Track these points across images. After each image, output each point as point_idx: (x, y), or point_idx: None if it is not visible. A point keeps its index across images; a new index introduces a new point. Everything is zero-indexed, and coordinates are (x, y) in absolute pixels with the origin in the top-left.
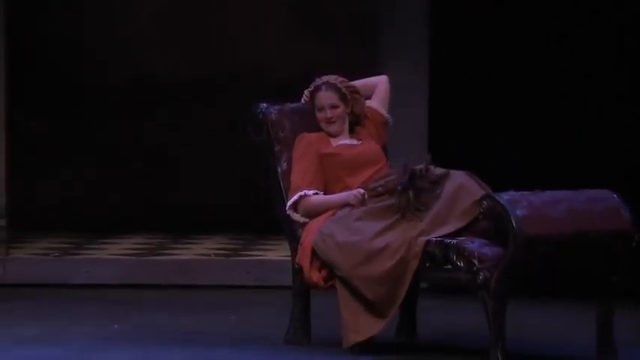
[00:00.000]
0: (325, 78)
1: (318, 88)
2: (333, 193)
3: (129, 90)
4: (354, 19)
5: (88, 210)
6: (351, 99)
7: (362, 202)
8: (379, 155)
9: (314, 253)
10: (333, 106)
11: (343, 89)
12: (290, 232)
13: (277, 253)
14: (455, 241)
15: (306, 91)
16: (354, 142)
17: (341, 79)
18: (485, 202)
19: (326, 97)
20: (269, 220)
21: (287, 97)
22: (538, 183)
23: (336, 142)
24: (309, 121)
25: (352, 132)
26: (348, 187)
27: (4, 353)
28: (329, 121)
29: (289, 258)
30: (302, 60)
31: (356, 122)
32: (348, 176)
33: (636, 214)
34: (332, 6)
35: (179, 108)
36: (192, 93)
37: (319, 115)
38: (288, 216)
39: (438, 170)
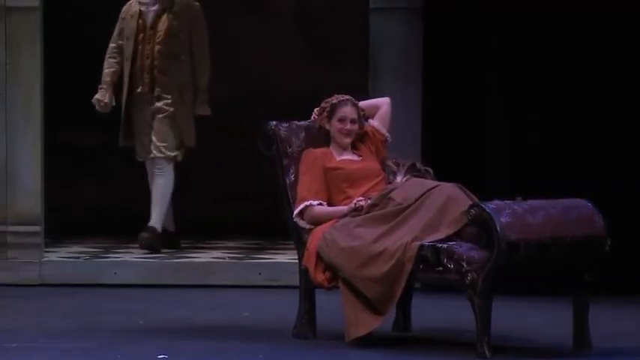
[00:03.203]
0: (346, 96)
1: (344, 103)
2: (336, 203)
3: None
4: (355, 44)
5: (117, 216)
6: (362, 121)
7: (361, 209)
8: (378, 171)
9: (319, 257)
10: (353, 121)
11: (360, 111)
12: (297, 238)
13: (286, 256)
14: (445, 245)
15: (316, 110)
16: (356, 157)
17: (355, 101)
18: (472, 210)
19: (350, 111)
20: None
21: (294, 115)
22: (525, 191)
23: (339, 157)
24: (314, 138)
25: (354, 148)
26: (349, 198)
27: (40, 346)
28: (347, 133)
29: (297, 260)
30: (308, 81)
31: (357, 139)
32: (349, 188)
33: (609, 221)
34: (335, 32)
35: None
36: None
37: (339, 125)
38: (295, 223)
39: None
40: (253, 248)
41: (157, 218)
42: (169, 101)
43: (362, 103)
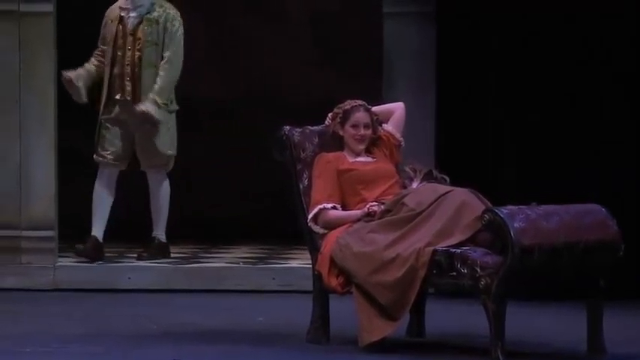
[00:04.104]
0: (359, 102)
1: (357, 108)
2: (351, 205)
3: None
4: (369, 51)
5: (130, 221)
6: (376, 126)
7: (374, 214)
8: (392, 172)
9: (332, 262)
10: (366, 126)
11: (373, 116)
12: (311, 242)
13: (299, 261)
14: (459, 250)
15: (330, 114)
16: (369, 159)
17: (368, 106)
18: (486, 216)
19: (363, 116)
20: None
21: (307, 121)
22: (538, 196)
23: (352, 159)
24: (327, 143)
25: (368, 152)
26: (364, 201)
27: (54, 351)
28: (361, 139)
29: (310, 265)
30: (321, 88)
31: (372, 143)
32: (363, 190)
33: (622, 227)
34: (349, 40)
35: (213, 128)
36: (224, 115)
37: (352, 131)
38: (309, 227)
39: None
40: (267, 253)
41: (162, 228)
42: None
43: (375, 108)
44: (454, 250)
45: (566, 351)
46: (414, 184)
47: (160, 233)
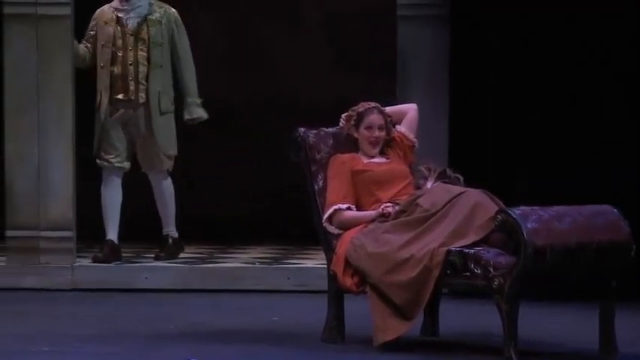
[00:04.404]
0: (372, 104)
1: (370, 111)
2: (366, 206)
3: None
4: (383, 53)
5: (147, 222)
6: (390, 127)
7: (388, 215)
8: (406, 173)
9: (347, 262)
10: (380, 128)
11: (387, 118)
12: (326, 243)
13: (314, 261)
14: (472, 250)
15: (343, 115)
16: (383, 160)
17: (382, 107)
18: (499, 216)
19: (377, 118)
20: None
21: (322, 123)
22: (550, 198)
23: (367, 160)
24: (342, 144)
25: (382, 153)
26: (378, 201)
27: (72, 350)
28: (375, 141)
29: (325, 265)
30: (335, 90)
31: (386, 144)
32: (378, 190)
33: (635, 227)
34: (364, 42)
35: (228, 128)
36: (239, 115)
37: (367, 133)
38: (324, 228)
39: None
40: (282, 254)
41: (172, 225)
42: (150, 110)
43: (388, 109)
44: (468, 250)
45: (578, 350)
46: (429, 184)
47: (171, 230)
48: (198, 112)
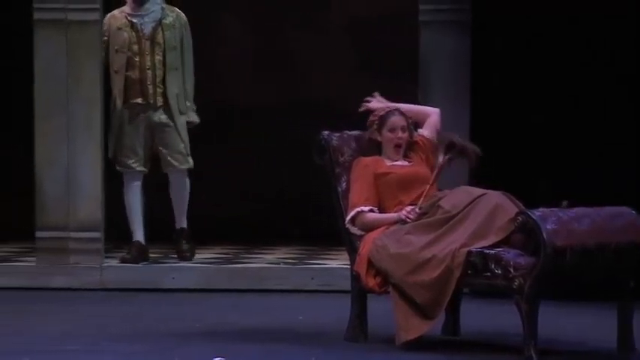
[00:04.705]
0: (393, 107)
1: (392, 113)
2: (388, 208)
3: (212, 113)
4: (406, 57)
5: (172, 223)
6: (412, 129)
7: (410, 215)
8: (428, 176)
9: (370, 262)
10: (403, 129)
11: (409, 120)
12: (349, 243)
13: (338, 261)
14: (493, 251)
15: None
16: (406, 163)
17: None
18: (519, 218)
19: (399, 120)
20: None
21: (346, 125)
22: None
23: (390, 163)
24: (365, 147)
25: (404, 156)
26: (401, 203)
27: (101, 349)
28: (398, 143)
29: (348, 266)
30: (359, 93)
31: (408, 147)
32: (400, 193)
33: None
34: (387, 46)
35: (253, 130)
36: (268, 118)
37: (390, 135)
38: (348, 229)
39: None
40: (306, 254)
41: (184, 219)
42: (172, 112)
43: (411, 107)
44: (488, 251)
45: (596, 349)
46: (440, 158)
47: (184, 222)
48: (192, 117)
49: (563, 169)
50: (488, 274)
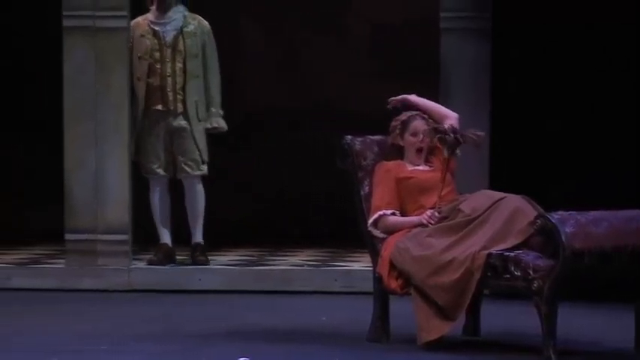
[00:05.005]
0: (414, 112)
1: (413, 117)
2: (410, 212)
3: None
4: (426, 63)
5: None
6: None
7: (432, 219)
8: (448, 180)
9: (392, 265)
10: (424, 134)
11: (430, 124)
12: (371, 246)
13: (361, 264)
14: (513, 254)
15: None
16: (427, 168)
17: (425, 115)
18: (538, 221)
19: (421, 124)
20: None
21: (368, 130)
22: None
23: (411, 167)
24: (387, 151)
25: (425, 160)
26: (422, 207)
27: (129, 349)
28: (420, 147)
29: (371, 268)
30: (379, 99)
31: (429, 152)
32: (421, 196)
33: None
34: (407, 51)
35: (272, 134)
36: (286, 121)
37: (412, 139)
38: (370, 232)
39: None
40: (330, 256)
41: (200, 232)
42: (189, 119)
43: (432, 105)
44: (508, 253)
45: (613, 349)
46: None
47: (199, 236)
48: (220, 123)
49: (578, 174)
50: (508, 276)
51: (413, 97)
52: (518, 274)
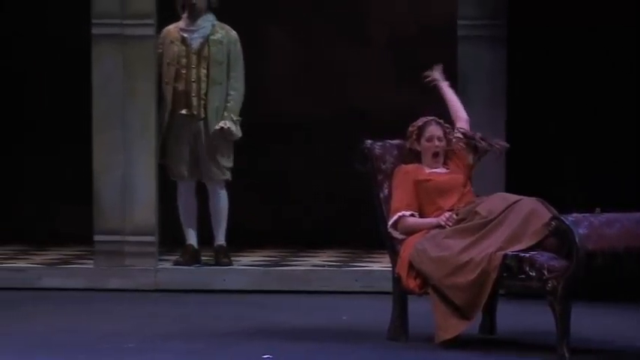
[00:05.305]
0: (430, 117)
1: (429, 122)
2: (428, 213)
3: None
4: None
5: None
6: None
7: (449, 221)
8: (464, 182)
9: (410, 265)
10: (439, 139)
11: (446, 129)
12: (391, 247)
13: (380, 264)
14: (528, 254)
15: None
16: (444, 170)
17: (440, 120)
18: (553, 222)
19: (436, 129)
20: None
21: (387, 135)
22: (603, 205)
23: (429, 170)
24: (405, 155)
25: (443, 164)
26: (440, 209)
27: (155, 347)
28: (436, 151)
29: (390, 268)
30: (399, 105)
31: (445, 155)
32: (439, 198)
33: None
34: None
35: (297, 140)
36: (310, 128)
37: (428, 144)
38: (389, 233)
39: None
40: (350, 257)
41: (223, 235)
42: (210, 124)
43: (454, 100)
44: (523, 254)
45: (626, 347)
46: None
47: (222, 239)
48: (228, 125)
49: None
50: (523, 276)
51: (444, 86)
52: (533, 274)
